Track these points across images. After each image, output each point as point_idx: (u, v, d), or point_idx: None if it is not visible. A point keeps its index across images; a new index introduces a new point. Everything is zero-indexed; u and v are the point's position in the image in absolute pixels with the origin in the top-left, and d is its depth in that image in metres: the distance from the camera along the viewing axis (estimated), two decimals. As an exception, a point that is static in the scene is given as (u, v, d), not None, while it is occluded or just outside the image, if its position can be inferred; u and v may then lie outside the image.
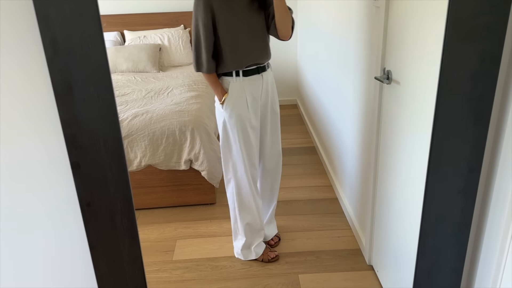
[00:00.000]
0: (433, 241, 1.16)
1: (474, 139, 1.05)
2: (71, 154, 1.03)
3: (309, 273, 2.25)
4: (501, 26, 0.95)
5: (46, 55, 0.95)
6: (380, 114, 1.98)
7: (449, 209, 1.12)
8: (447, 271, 1.19)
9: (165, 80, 3.77)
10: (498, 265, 1.13)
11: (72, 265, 1.22)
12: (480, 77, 0.99)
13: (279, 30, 1.95)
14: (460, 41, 0.97)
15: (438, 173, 1.09)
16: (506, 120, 1.06)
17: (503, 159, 1.08)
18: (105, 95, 0.98)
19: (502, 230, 1.10)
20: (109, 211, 1.09)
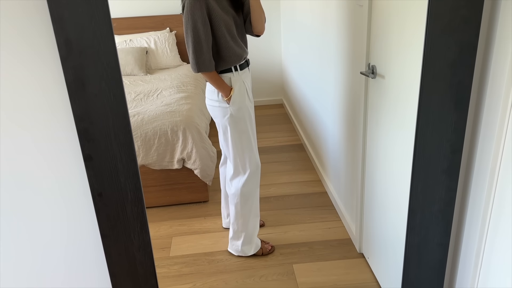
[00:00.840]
0: (421, 217, 1.26)
1: (455, 122, 1.15)
2: (83, 147, 1.10)
3: (302, 263, 2.34)
4: (476, 18, 1.05)
5: (60, 54, 1.01)
6: (366, 107, 2.08)
7: (435, 187, 1.22)
8: (434, 246, 1.29)
9: (153, 82, 3.83)
10: (480, 240, 1.24)
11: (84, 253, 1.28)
12: (459, 65, 1.10)
13: (255, 26, 2.09)
14: (440, 32, 1.07)
15: (424, 154, 1.19)
16: (483, 104, 1.17)
17: (482, 140, 1.19)
18: (115, 90, 1.05)
19: (483, 207, 1.20)
20: (120, 200, 1.16)
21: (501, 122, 1.10)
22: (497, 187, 1.15)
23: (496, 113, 1.12)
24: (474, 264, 1.27)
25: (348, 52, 2.32)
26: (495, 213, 1.17)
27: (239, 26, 2.09)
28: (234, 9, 2.05)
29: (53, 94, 1.09)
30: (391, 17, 1.70)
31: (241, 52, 2.09)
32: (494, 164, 1.14)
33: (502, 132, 1.10)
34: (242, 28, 2.12)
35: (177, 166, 2.86)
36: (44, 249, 1.28)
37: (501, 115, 1.10)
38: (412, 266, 1.32)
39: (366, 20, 1.95)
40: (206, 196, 3.02)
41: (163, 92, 3.46)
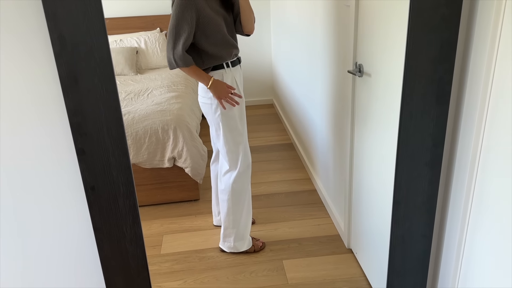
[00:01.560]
0: (405, 209, 1.30)
1: (436, 117, 1.20)
2: (76, 141, 1.12)
3: (292, 259, 2.38)
4: (455, 17, 1.10)
5: (54, 50, 1.04)
6: (353, 105, 2.13)
7: (418, 180, 1.27)
8: (418, 237, 1.34)
9: (143, 82, 3.84)
10: (461, 231, 1.28)
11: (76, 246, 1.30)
12: (440, 61, 1.14)
13: (244, 26, 2.15)
14: (422, 30, 1.12)
15: (407, 147, 1.23)
16: (464, 99, 1.22)
17: (462, 133, 1.23)
18: (108, 85, 1.08)
19: (464, 198, 1.25)
20: (112, 194, 1.19)
21: (479, 116, 1.15)
22: (477, 179, 1.19)
23: (475, 108, 1.16)
24: (456, 254, 1.31)
25: (336, 51, 2.37)
26: (476, 204, 1.22)
27: (230, 24, 2.13)
28: (224, 8, 2.10)
29: (47, 89, 1.11)
30: (377, 17, 1.74)
31: (231, 49, 2.13)
32: (473, 156, 1.19)
33: (480, 125, 1.15)
34: (233, 27, 2.16)
35: (168, 164, 2.88)
36: (36, 243, 1.29)
37: (479, 109, 1.14)
38: (397, 257, 1.37)
39: (353, 20, 2.00)
40: (197, 194, 3.05)
41: (153, 92, 3.48)
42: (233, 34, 2.17)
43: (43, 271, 1.32)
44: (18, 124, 1.15)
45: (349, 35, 2.07)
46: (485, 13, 1.10)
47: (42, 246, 1.30)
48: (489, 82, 1.10)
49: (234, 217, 2.36)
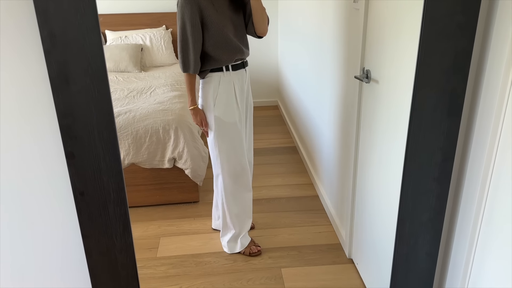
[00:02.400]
0: (410, 226, 1.24)
1: (447, 130, 1.13)
2: (66, 144, 1.06)
3: (291, 267, 2.31)
4: (471, 25, 1.03)
5: (44, 48, 0.98)
6: (359, 112, 2.06)
7: (425, 196, 1.20)
8: (423, 255, 1.27)
9: (147, 80, 3.79)
10: (469, 251, 1.21)
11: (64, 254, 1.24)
12: (453, 71, 1.08)
13: (256, 28, 2.07)
14: (435, 38, 1.05)
15: (415, 161, 1.16)
16: (477, 112, 1.15)
17: (474, 148, 1.17)
18: (100, 87, 1.02)
19: (473, 217, 1.18)
20: (102, 200, 1.13)
21: (494, 131, 1.08)
22: (488, 196, 1.12)
23: (489, 121, 1.10)
24: (463, 275, 1.25)
25: (343, 55, 2.30)
26: (485, 223, 1.15)
27: (238, 27, 2.06)
28: (233, 9, 2.03)
29: (36, 89, 1.05)
30: (387, 21, 1.68)
31: (234, 53, 2.06)
32: (485, 173, 1.12)
33: (494, 141, 1.08)
34: (241, 29, 2.09)
35: (168, 165, 2.83)
36: (23, 248, 1.24)
37: (494, 123, 1.07)
38: (400, 276, 1.30)
39: (362, 24, 1.93)
40: (196, 196, 2.99)
41: (156, 90, 3.43)
42: (241, 37, 2.09)
43: (30, 277, 1.27)
44: (5, 125, 1.09)
45: (358, 39, 2.00)
46: (504, 21, 1.03)
47: (28, 251, 1.24)
48: (505, 94, 1.03)
49: (230, 219, 2.35)
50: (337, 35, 2.41)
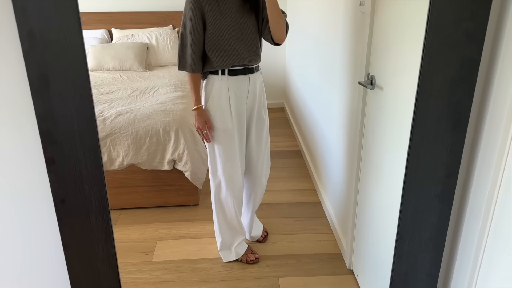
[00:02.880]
0: (410, 245, 1.16)
1: (451, 144, 1.06)
2: (46, 149, 1.01)
3: (289, 277, 2.25)
4: (480, 33, 0.96)
5: (23, 48, 0.93)
6: (363, 119, 1.99)
7: (426, 213, 1.13)
8: (423, 276, 1.20)
9: (151, 79, 3.74)
10: (472, 272, 1.14)
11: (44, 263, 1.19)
12: (459, 82, 1.00)
13: (273, 33, 1.95)
14: (440, 47, 0.98)
15: (416, 177, 1.09)
16: (484, 126, 1.07)
17: (480, 164, 1.09)
18: (82, 90, 0.96)
19: (477, 237, 1.11)
20: (84, 209, 1.07)
21: (501, 146, 1.00)
22: (493, 216, 1.05)
23: (496, 137, 1.02)
24: (465, 298, 1.17)
25: (349, 60, 2.23)
26: (490, 245, 1.07)
27: (245, 31, 1.96)
28: (243, 13, 1.94)
29: (16, 91, 1.00)
30: (393, 25, 1.60)
31: (228, 57, 1.96)
32: (491, 191, 1.05)
33: (502, 157, 1.00)
34: (250, 35, 1.98)
35: (167, 167, 2.78)
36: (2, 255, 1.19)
37: (502, 138, 1.00)
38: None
39: (368, 28, 1.86)
40: (196, 199, 2.93)
41: (159, 90, 3.38)
42: (246, 43, 1.98)
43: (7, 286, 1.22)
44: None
45: (363, 43, 1.93)
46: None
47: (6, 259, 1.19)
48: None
49: (218, 226, 2.31)
50: (343, 38, 2.34)
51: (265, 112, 2.18)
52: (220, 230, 2.31)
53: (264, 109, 2.18)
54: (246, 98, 2.08)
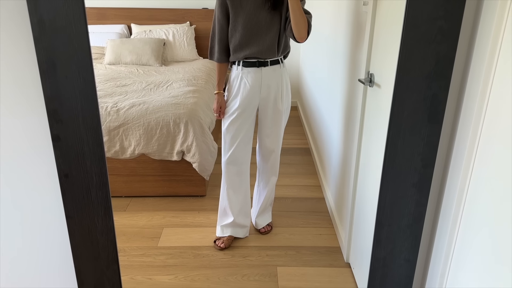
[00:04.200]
0: (388, 231, 1.23)
1: (428, 136, 1.12)
2: (52, 127, 1.11)
3: (287, 266, 2.32)
4: (454, 31, 1.02)
5: (33, 34, 1.03)
6: (363, 116, 2.05)
7: (404, 201, 1.19)
8: (401, 261, 1.26)
9: (166, 74, 3.86)
10: (445, 259, 1.19)
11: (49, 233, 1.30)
12: (435, 77, 1.06)
13: (294, 32, 2.06)
14: (416, 43, 1.04)
15: (393, 166, 1.16)
16: (459, 119, 1.13)
17: (455, 156, 1.15)
18: (85, 74, 1.06)
19: (450, 226, 1.16)
20: (85, 183, 1.18)
21: (472, 138, 1.06)
22: (465, 205, 1.11)
23: (468, 129, 1.08)
24: (439, 284, 1.23)
25: (353, 59, 2.29)
26: (462, 231, 1.13)
27: (263, 26, 2.09)
28: (264, 7, 2.06)
29: (27, 73, 1.11)
30: (391, 25, 1.66)
31: (240, 50, 2.13)
32: (463, 182, 1.10)
33: (473, 149, 1.06)
34: (268, 29, 2.10)
35: (176, 158, 2.88)
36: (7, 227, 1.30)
37: (472, 131, 1.06)
38: (377, 281, 1.29)
39: (369, 27, 1.91)
40: (203, 190, 3.03)
41: (173, 84, 3.49)
42: (262, 37, 2.11)
43: (12, 255, 1.33)
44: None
45: (365, 42, 1.99)
46: (486, 28, 1.01)
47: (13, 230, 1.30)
48: (484, 103, 1.01)
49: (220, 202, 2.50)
50: (348, 37, 2.40)
51: (283, 104, 2.30)
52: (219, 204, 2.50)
53: (282, 101, 2.29)
54: (260, 88, 2.21)
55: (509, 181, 0.93)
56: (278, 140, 2.40)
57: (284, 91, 2.27)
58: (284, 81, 2.27)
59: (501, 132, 0.96)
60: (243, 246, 2.49)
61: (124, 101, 3.02)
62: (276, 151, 2.43)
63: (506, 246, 0.95)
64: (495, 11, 0.97)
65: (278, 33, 2.14)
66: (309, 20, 2.07)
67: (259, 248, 2.47)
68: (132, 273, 2.26)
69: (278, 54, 2.20)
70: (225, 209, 2.47)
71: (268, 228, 2.62)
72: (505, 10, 0.94)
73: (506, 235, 0.95)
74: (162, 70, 4.00)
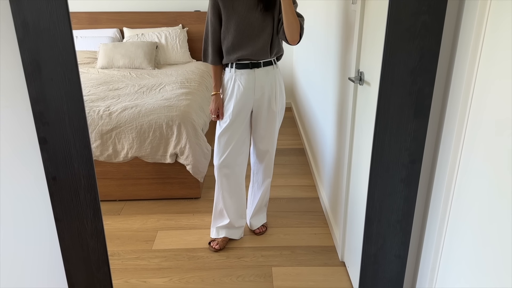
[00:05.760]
0: (378, 227, 1.23)
1: (414, 131, 1.12)
2: (38, 129, 1.11)
3: (282, 266, 2.32)
4: (437, 25, 1.02)
5: (17, 36, 1.03)
6: (354, 115, 2.05)
7: (393, 197, 1.19)
8: (392, 257, 1.26)
9: (159, 77, 3.86)
10: (435, 254, 1.20)
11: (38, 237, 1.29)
12: (420, 72, 1.07)
13: (287, 34, 2.07)
14: (400, 38, 1.04)
15: (381, 162, 1.16)
16: (445, 114, 1.13)
17: (441, 151, 1.15)
18: (70, 75, 1.06)
19: (439, 221, 1.16)
20: (73, 185, 1.17)
21: (458, 133, 1.06)
22: (453, 200, 1.11)
23: (454, 123, 1.08)
24: (430, 280, 1.23)
25: (343, 58, 2.30)
26: (451, 226, 1.13)
27: (255, 28, 2.09)
28: (255, 9, 2.06)
29: (11, 76, 1.10)
30: (379, 24, 1.67)
31: (232, 52, 2.14)
32: (450, 176, 1.10)
33: (459, 143, 1.06)
34: (260, 31, 2.11)
35: (169, 160, 2.87)
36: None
37: (458, 125, 1.06)
38: (368, 277, 1.29)
39: (358, 26, 1.92)
40: (197, 192, 3.03)
41: (166, 87, 3.49)
42: (253, 39, 2.11)
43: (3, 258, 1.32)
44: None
45: (354, 41, 1.99)
46: (468, 22, 1.01)
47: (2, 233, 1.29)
48: (469, 96, 1.02)
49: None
50: (339, 37, 2.40)
51: (277, 105, 2.29)
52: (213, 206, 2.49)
53: (276, 102, 2.29)
54: (253, 89, 2.21)
55: (494, 174, 0.93)
56: (273, 141, 2.40)
57: (278, 92, 2.28)
58: (277, 82, 2.27)
59: (486, 125, 0.97)
60: (238, 247, 2.49)
61: (117, 105, 3.02)
62: (271, 152, 2.43)
63: (494, 240, 0.95)
64: (477, 4, 0.98)
65: (270, 35, 2.15)
66: (302, 23, 2.08)
67: (254, 248, 2.47)
68: (126, 276, 2.25)
69: (270, 56, 2.21)
70: (221, 211, 2.47)
71: (263, 229, 2.62)
72: (486, 4, 0.94)
73: (493, 229, 0.95)
74: (155, 73, 4.00)
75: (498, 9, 0.92)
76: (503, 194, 0.91)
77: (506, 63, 0.89)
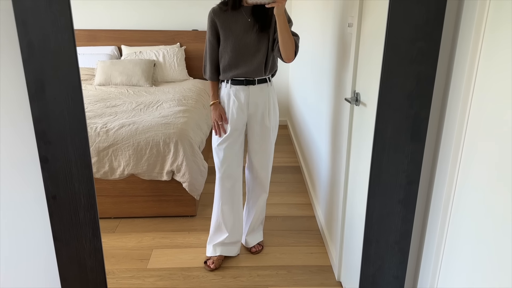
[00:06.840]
0: (376, 248, 1.24)
1: (411, 153, 1.14)
2: (40, 148, 1.12)
3: (278, 286, 2.30)
4: (433, 51, 1.05)
5: (22, 56, 1.04)
6: (350, 134, 2.08)
7: (391, 218, 1.21)
8: (390, 278, 1.26)
9: (156, 94, 3.88)
10: (433, 275, 1.20)
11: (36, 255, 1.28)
12: (416, 96, 1.09)
13: (282, 53, 2.13)
14: (397, 63, 1.07)
15: (379, 183, 1.17)
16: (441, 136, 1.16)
17: (438, 172, 1.17)
18: (74, 95, 1.07)
19: (436, 243, 1.18)
20: (73, 205, 1.17)
21: (454, 156, 1.09)
22: (450, 220, 1.12)
23: (450, 146, 1.10)
24: (428, 300, 1.23)
25: (339, 79, 2.33)
26: (448, 245, 1.14)
27: (250, 46, 2.15)
28: (251, 28, 2.12)
29: (15, 95, 1.12)
30: (375, 46, 1.70)
31: (228, 70, 2.20)
32: (447, 197, 1.12)
33: (455, 167, 1.08)
34: (255, 49, 2.17)
35: (166, 177, 2.87)
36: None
37: (454, 149, 1.08)
38: (366, 297, 1.29)
39: (354, 47, 1.96)
40: (193, 210, 3.02)
41: (163, 104, 3.51)
42: (248, 57, 2.17)
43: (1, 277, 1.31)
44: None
45: (350, 63, 2.03)
46: (464, 48, 1.04)
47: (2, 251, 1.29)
48: (464, 121, 1.04)
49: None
50: (334, 58, 2.44)
51: (270, 121, 2.33)
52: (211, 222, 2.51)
53: (270, 118, 2.33)
54: (247, 105, 2.25)
55: (491, 195, 0.95)
56: (268, 157, 2.42)
57: (271, 108, 2.31)
58: (271, 99, 2.31)
59: (482, 149, 0.99)
60: (234, 267, 2.47)
61: (114, 122, 3.03)
62: (266, 168, 2.45)
63: (491, 261, 0.97)
64: (471, 32, 1.01)
65: (265, 54, 2.20)
66: (297, 41, 2.14)
67: (250, 268, 2.46)
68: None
69: (265, 74, 2.26)
70: (219, 226, 2.46)
71: (259, 247, 2.62)
72: (480, 32, 0.98)
73: (490, 249, 0.97)
74: (152, 91, 4.03)
75: (491, 41, 0.95)
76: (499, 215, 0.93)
77: (501, 88, 0.91)
